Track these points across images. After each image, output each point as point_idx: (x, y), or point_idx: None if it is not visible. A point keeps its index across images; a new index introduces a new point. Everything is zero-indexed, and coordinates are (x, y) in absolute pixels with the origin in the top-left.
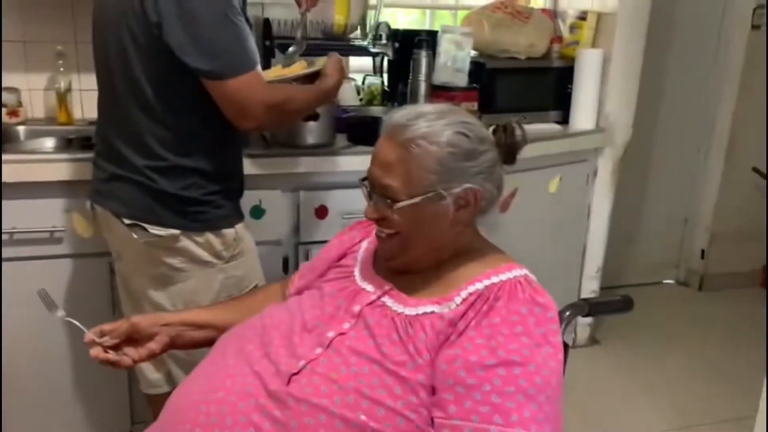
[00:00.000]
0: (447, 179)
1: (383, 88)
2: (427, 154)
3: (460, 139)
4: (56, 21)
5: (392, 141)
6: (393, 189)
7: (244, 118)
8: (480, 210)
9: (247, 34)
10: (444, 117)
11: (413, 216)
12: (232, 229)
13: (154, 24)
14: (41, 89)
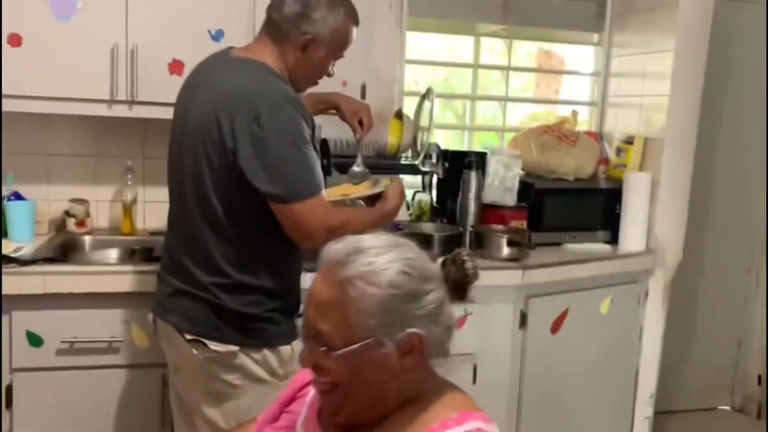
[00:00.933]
0: (388, 324)
1: (432, 204)
2: (367, 297)
3: (402, 280)
4: (127, 138)
5: (328, 279)
6: (328, 335)
7: (307, 240)
8: (428, 356)
9: (314, 161)
10: (386, 253)
11: (352, 365)
12: (289, 346)
13: (229, 150)
14: (108, 201)
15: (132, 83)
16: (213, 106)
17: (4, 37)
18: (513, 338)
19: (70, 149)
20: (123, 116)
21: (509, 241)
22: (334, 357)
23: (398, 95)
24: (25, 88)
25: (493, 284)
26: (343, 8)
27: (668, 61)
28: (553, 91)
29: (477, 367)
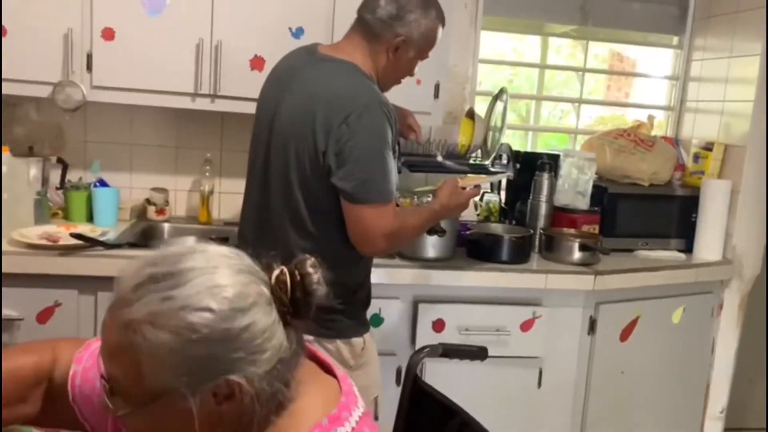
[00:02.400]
0: (190, 375)
1: (501, 205)
2: (158, 345)
3: (203, 319)
4: (207, 131)
5: (112, 320)
6: (120, 384)
7: (366, 244)
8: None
9: (392, 168)
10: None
11: (150, 420)
12: (361, 338)
13: (320, 150)
14: (186, 190)
15: (215, 77)
16: (308, 106)
17: (98, 31)
18: (581, 344)
19: (153, 140)
20: (205, 109)
21: (581, 246)
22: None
23: (470, 95)
24: (115, 80)
25: (563, 288)
26: (434, 10)
27: (754, 65)
28: (623, 94)
29: (542, 372)
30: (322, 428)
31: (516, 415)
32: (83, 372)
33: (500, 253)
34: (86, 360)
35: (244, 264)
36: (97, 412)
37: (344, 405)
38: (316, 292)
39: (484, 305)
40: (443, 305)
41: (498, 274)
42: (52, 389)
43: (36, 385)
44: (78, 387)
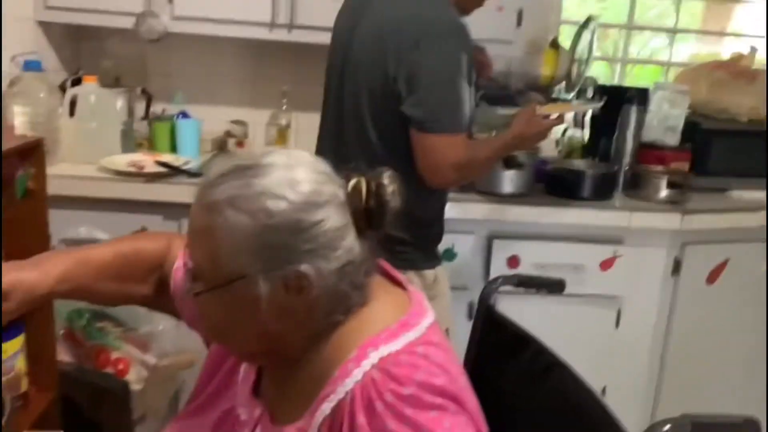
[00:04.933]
0: (264, 260)
1: (583, 141)
2: (236, 227)
3: (279, 206)
4: (284, 63)
5: (199, 202)
6: (199, 268)
7: (433, 176)
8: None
9: (465, 97)
10: (268, 173)
11: (224, 305)
12: (433, 271)
13: (391, 77)
14: (264, 123)
15: (292, 7)
16: (380, 32)
17: None
18: (663, 286)
19: (232, 72)
20: (282, 40)
21: (669, 183)
22: (204, 294)
23: (555, 24)
24: (196, 10)
25: (647, 227)
26: None
27: None
28: (721, 29)
29: (621, 312)
30: (391, 332)
31: (591, 354)
32: (183, 266)
33: (582, 189)
34: None
35: (323, 167)
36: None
37: (414, 313)
38: (389, 202)
39: (562, 242)
40: (519, 241)
41: (578, 211)
42: (162, 278)
43: (154, 269)
44: (179, 279)
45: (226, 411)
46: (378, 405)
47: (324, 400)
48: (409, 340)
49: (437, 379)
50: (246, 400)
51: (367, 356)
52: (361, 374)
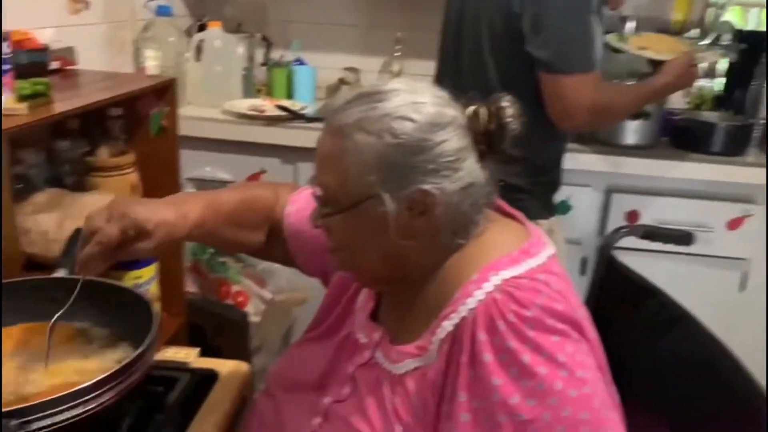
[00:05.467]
0: (390, 180)
1: (716, 92)
2: (364, 148)
3: (404, 127)
4: (398, 10)
5: (328, 129)
6: (329, 192)
7: (567, 118)
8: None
9: (596, 34)
10: (392, 97)
11: (353, 226)
12: (547, 220)
13: (515, 15)
14: (376, 71)
15: None
16: None
17: None
18: None
19: (347, 20)
20: None
21: None
22: (334, 216)
23: None
24: None
25: None
26: None
27: None
28: None
29: (748, 275)
30: (512, 258)
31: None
32: (296, 212)
33: (711, 142)
34: (301, 201)
35: (444, 93)
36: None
37: (533, 243)
38: (509, 125)
39: (687, 199)
40: (639, 196)
41: (707, 166)
42: (273, 225)
43: (267, 217)
44: (292, 225)
45: (345, 336)
46: (500, 324)
47: (444, 318)
48: (530, 267)
49: (559, 305)
50: (364, 324)
51: (488, 279)
52: (484, 294)
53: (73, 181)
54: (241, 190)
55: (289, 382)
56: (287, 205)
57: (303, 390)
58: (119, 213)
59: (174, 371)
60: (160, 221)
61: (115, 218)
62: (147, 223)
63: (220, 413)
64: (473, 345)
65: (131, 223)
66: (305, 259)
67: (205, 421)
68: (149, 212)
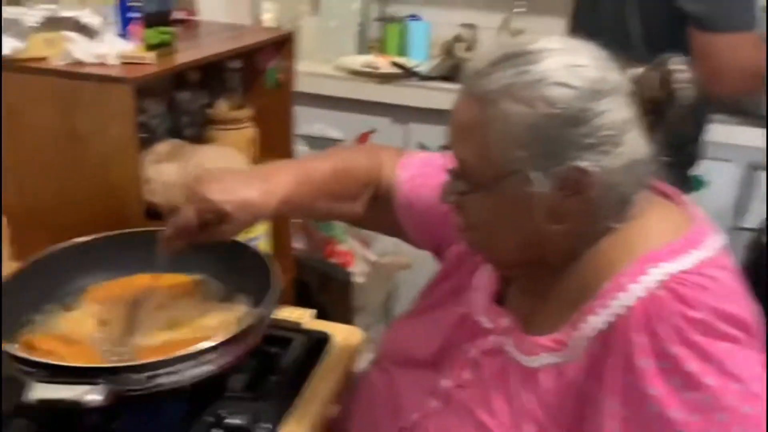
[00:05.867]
0: (541, 154)
1: None
2: (512, 118)
3: (563, 95)
4: None
5: (467, 95)
6: (466, 165)
7: (717, 82)
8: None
9: None
10: (545, 58)
11: (492, 204)
12: None
13: None
14: (495, 27)
15: None
16: None
17: None
18: None
19: None
20: None
21: None
22: (470, 194)
23: None
24: None
25: None
26: None
27: None
28: None
29: None
30: (675, 248)
31: None
32: (409, 179)
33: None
34: (413, 168)
35: (604, 53)
36: (419, 217)
37: (698, 230)
38: (682, 92)
39: None
40: None
41: None
42: (378, 194)
43: (366, 185)
44: (404, 192)
45: (463, 316)
46: (661, 327)
47: (589, 312)
48: (698, 259)
49: (732, 307)
50: (486, 307)
51: (646, 272)
52: (643, 290)
53: (192, 133)
54: (334, 158)
55: (402, 356)
56: (397, 171)
57: (416, 366)
58: (198, 195)
59: (288, 331)
60: (240, 203)
61: (193, 200)
62: (225, 205)
63: (334, 378)
64: (628, 347)
65: (209, 206)
66: (417, 230)
67: (319, 386)
68: (228, 194)
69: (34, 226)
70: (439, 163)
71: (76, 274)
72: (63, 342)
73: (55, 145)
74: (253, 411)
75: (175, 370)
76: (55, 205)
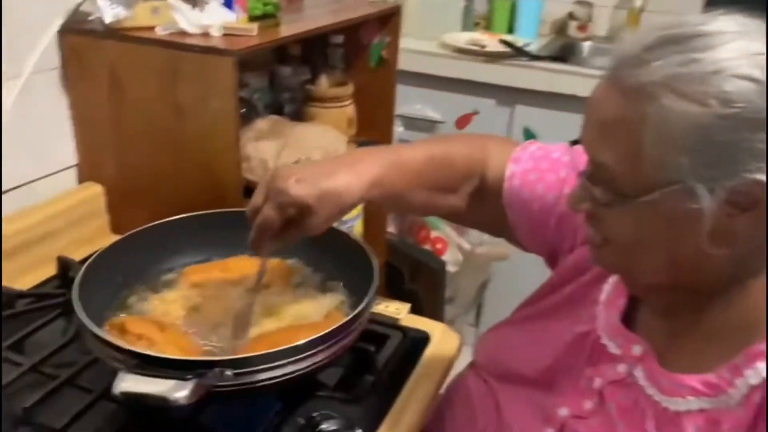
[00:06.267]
0: (710, 164)
1: None
2: (676, 118)
3: (742, 90)
4: None
5: (615, 86)
6: (608, 170)
7: None
8: None
9: None
10: (719, 44)
11: (640, 220)
12: None
13: None
14: (612, 6)
15: None
16: None
17: None
18: None
19: None
20: None
21: None
22: (612, 205)
23: None
24: None
25: None
26: None
27: None
28: None
29: None
30: None
31: None
32: (522, 173)
33: None
34: (526, 161)
35: None
36: (531, 217)
37: None
38: None
39: None
40: None
41: None
42: (483, 187)
43: (467, 177)
44: (515, 188)
45: (582, 335)
46: None
47: (756, 357)
48: None
49: None
50: (614, 330)
51: None
52: None
53: (292, 110)
54: (431, 145)
55: (502, 369)
56: (508, 165)
57: (522, 384)
58: (276, 190)
59: (385, 327)
60: (323, 194)
61: (272, 197)
62: (307, 198)
63: (432, 382)
64: None
65: (289, 201)
66: (527, 232)
67: (417, 389)
68: (309, 185)
69: (133, 201)
70: (556, 157)
71: (170, 253)
72: (156, 326)
73: (156, 118)
74: (346, 415)
75: (272, 366)
76: (154, 180)
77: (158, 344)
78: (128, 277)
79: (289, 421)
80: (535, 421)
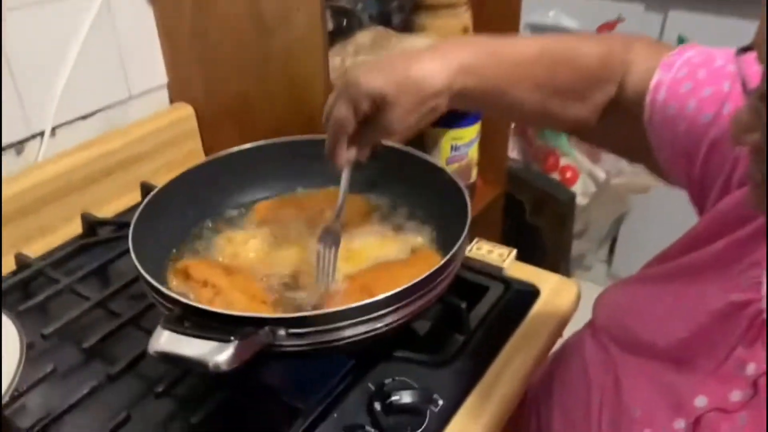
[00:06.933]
0: None
1: None
2: None
3: None
4: None
5: None
6: None
7: None
8: None
9: None
10: None
11: None
12: None
13: None
14: None
15: None
16: None
17: None
18: None
19: None
20: None
21: None
22: None
23: None
24: None
25: None
26: None
27: None
28: None
29: None
30: None
31: None
32: (672, 83)
33: None
34: (679, 68)
35: None
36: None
37: None
38: None
39: None
40: None
41: None
42: (620, 99)
43: (598, 83)
44: (660, 102)
45: (738, 305)
46: None
47: None
48: None
49: None
50: None
51: None
52: None
53: (400, 20)
54: (549, 40)
55: (626, 335)
56: (656, 71)
57: (648, 356)
58: (346, 83)
59: (483, 276)
60: (400, 80)
61: (343, 93)
62: (381, 88)
63: (536, 348)
64: None
65: (361, 92)
66: (671, 160)
67: (516, 356)
68: (384, 74)
69: (222, 124)
70: (719, 65)
71: (242, 186)
72: (223, 270)
73: (242, 36)
74: (427, 382)
75: (348, 325)
76: (242, 103)
77: (224, 291)
78: (199, 211)
79: (360, 385)
80: (662, 408)
